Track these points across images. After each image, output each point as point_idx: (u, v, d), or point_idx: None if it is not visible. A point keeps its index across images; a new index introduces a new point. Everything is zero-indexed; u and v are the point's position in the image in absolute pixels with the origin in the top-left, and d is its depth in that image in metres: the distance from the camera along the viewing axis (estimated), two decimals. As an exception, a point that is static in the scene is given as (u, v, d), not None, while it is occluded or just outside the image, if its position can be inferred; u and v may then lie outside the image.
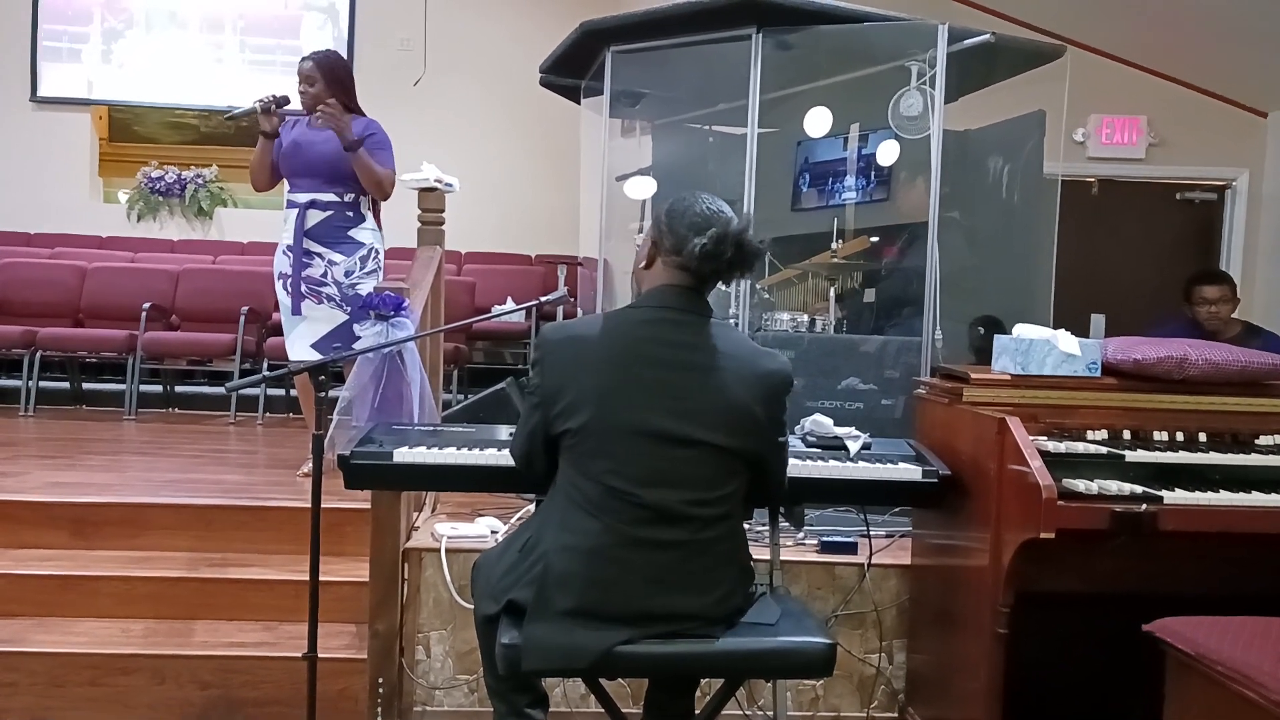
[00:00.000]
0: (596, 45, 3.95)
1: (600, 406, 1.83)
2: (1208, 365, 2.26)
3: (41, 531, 3.19)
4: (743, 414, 1.86)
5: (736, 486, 1.89)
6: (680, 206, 1.93)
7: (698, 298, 1.92)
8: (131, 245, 7.38)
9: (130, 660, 2.73)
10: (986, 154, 4.09)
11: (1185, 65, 6.70)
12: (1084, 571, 2.34)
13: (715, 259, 1.85)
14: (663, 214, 1.95)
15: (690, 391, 1.84)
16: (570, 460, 1.87)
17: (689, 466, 1.83)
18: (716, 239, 1.84)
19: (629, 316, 1.94)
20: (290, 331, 3.80)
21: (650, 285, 1.95)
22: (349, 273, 3.70)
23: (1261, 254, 6.84)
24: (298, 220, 3.71)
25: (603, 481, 1.82)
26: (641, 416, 1.82)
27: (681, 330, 1.88)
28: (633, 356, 1.86)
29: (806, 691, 2.81)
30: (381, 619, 2.70)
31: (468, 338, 6.05)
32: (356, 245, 3.73)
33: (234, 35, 7.89)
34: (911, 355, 3.50)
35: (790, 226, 4.33)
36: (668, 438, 1.82)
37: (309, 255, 3.70)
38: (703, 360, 1.86)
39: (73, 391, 6.03)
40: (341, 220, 3.73)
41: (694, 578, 1.84)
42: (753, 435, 1.88)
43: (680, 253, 1.88)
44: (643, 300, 1.95)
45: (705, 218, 1.88)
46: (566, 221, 6.25)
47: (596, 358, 1.87)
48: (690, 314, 1.90)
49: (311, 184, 3.71)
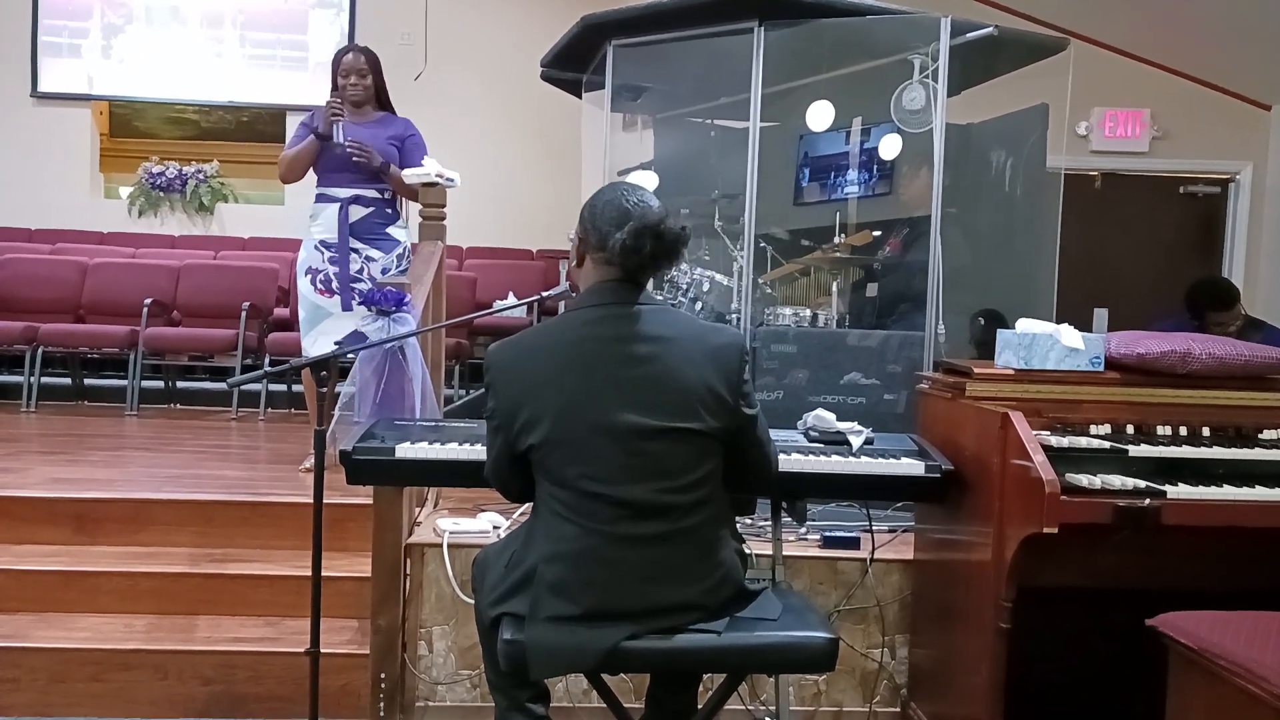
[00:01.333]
0: (598, 39, 3.93)
1: (560, 414, 1.82)
2: (1211, 359, 2.25)
3: (43, 527, 3.20)
4: (702, 393, 1.84)
5: (711, 469, 1.88)
6: (600, 202, 1.91)
7: (634, 288, 1.90)
8: (132, 241, 7.38)
9: (132, 656, 2.73)
10: (989, 148, 4.08)
11: (1189, 58, 6.68)
12: (1087, 566, 2.34)
13: (637, 253, 1.83)
14: (585, 210, 1.93)
15: (641, 382, 1.83)
16: (543, 472, 1.86)
17: (660, 457, 1.82)
18: (635, 232, 1.82)
19: (570, 320, 1.93)
20: (313, 328, 3.75)
21: (585, 284, 1.94)
22: (385, 270, 3.69)
23: (1265, 247, 6.83)
24: (341, 215, 3.68)
25: (577, 487, 1.81)
26: (602, 416, 1.81)
27: (624, 323, 1.86)
28: (582, 358, 1.85)
29: (809, 686, 2.81)
30: (384, 614, 2.70)
31: (469, 333, 6.04)
32: (394, 243, 3.75)
33: (234, 30, 7.87)
34: (914, 350, 3.49)
35: (792, 221, 4.32)
36: (633, 431, 1.81)
37: (348, 251, 3.68)
38: (651, 348, 1.84)
39: (74, 387, 6.04)
40: (381, 217, 3.74)
41: (684, 567, 1.84)
42: (719, 413, 1.86)
43: (604, 248, 1.86)
44: (580, 301, 1.94)
45: (623, 211, 1.86)
46: (568, 216, 6.17)
47: (547, 367, 1.85)
48: (628, 305, 1.88)
49: (355, 179, 3.70)
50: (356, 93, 3.73)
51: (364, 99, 3.76)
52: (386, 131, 3.76)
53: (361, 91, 3.74)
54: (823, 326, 3.71)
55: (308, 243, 3.77)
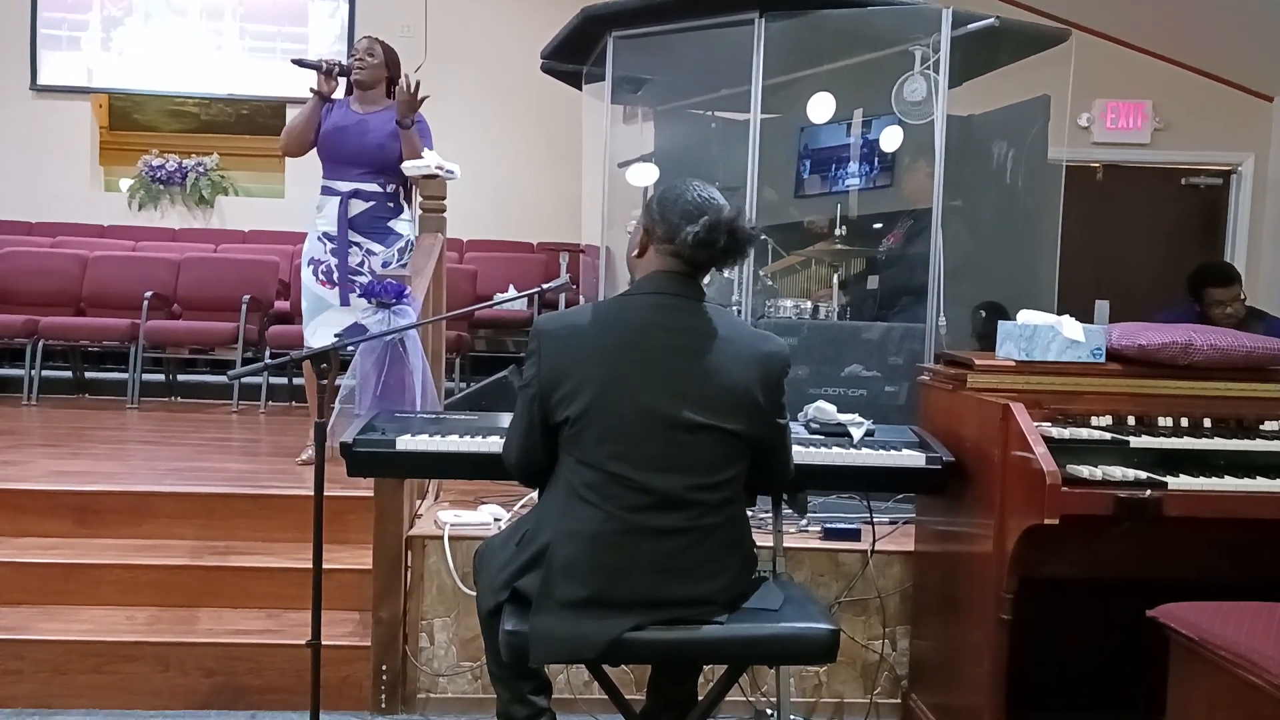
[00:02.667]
0: (598, 30, 3.93)
1: (601, 392, 1.82)
2: (1213, 351, 2.24)
3: (45, 520, 3.20)
4: (743, 397, 1.86)
5: (739, 471, 1.89)
6: (671, 194, 1.92)
7: (692, 283, 1.91)
8: (133, 234, 7.38)
9: (134, 648, 2.73)
10: (991, 139, 4.07)
11: (1191, 49, 6.67)
12: (1088, 557, 2.33)
13: (709, 247, 1.84)
14: (654, 202, 1.94)
15: (691, 375, 1.84)
16: (571, 448, 1.86)
17: (692, 451, 1.83)
18: (709, 226, 1.83)
19: (625, 304, 1.93)
20: (314, 318, 3.76)
21: (644, 272, 1.94)
22: (386, 264, 3.68)
23: (1266, 238, 6.82)
24: (341, 208, 3.68)
25: (605, 467, 1.81)
26: (644, 401, 1.81)
27: (679, 315, 1.88)
28: (632, 342, 1.85)
29: (810, 678, 2.81)
30: (385, 606, 2.71)
31: (470, 325, 6.04)
32: (396, 236, 3.74)
33: (234, 22, 7.86)
34: (915, 342, 3.49)
35: (793, 213, 4.31)
36: (671, 422, 1.81)
37: (348, 244, 3.68)
38: (701, 344, 1.86)
39: (75, 380, 6.04)
40: (383, 211, 3.72)
41: (698, 564, 1.83)
42: (754, 418, 1.88)
43: (673, 241, 1.87)
44: (638, 287, 1.94)
45: (697, 205, 1.87)
46: (568, 208, 6.23)
47: (595, 345, 1.86)
48: (686, 299, 1.89)
49: (357, 173, 3.69)
50: (363, 71, 3.73)
51: (369, 80, 3.75)
52: (391, 122, 3.75)
53: (368, 72, 3.73)
54: (824, 319, 3.71)
55: (312, 234, 3.77)
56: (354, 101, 3.78)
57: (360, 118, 3.71)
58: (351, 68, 3.74)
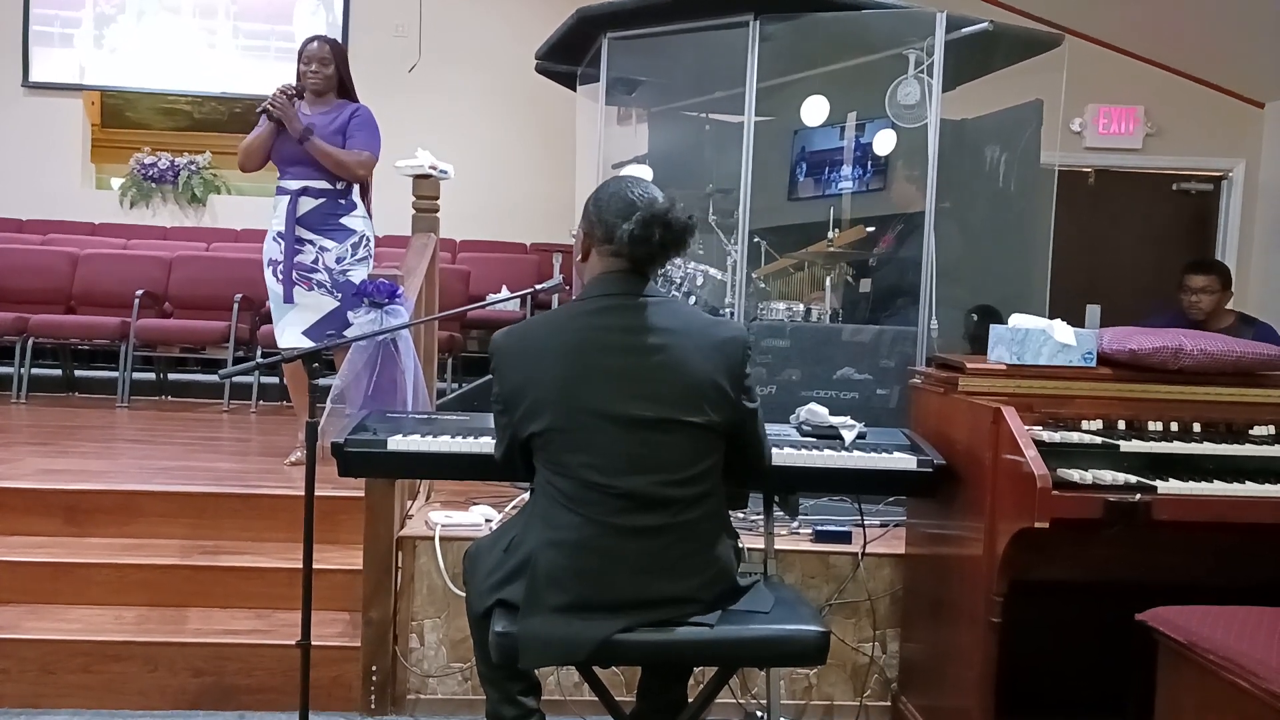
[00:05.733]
0: (592, 32, 3.93)
1: (564, 402, 1.82)
2: (1203, 355, 2.26)
3: (34, 519, 3.18)
4: (708, 387, 1.85)
5: (712, 464, 1.88)
6: (605, 195, 1.92)
7: (640, 280, 1.90)
8: (124, 232, 7.35)
9: (123, 648, 2.72)
10: (984, 143, 4.08)
11: (1183, 55, 6.70)
12: (1078, 561, 2.34)
13: (646, 243, 1.83)
14: (590, 204, 1.94)
15: (651, 373, 1.83)
16: (544, 460, 1.86)
17: (662, 449, 1.82)
18: (643, 222, 1.82)
19: (576, 309, 1.92)
20: (280, 319, 3.79)
21: (590, 276, 1.94)
22: (340, 259, 3.70)
23: (1257, 244, 6.85)
24: (289, 207, 3.70)
25: (578, 476, 1.81)
26: (607, 405, 1.81)
27: (630, 314, 1.87)
28: (588, 347, 1.85)
29: (800, 680, 2.81)
30: (375, 607, 2.70)
31: (462, 326, 6.03)
32: (348, 232, 3.74)
33: (226, 20, 7.84)
34: (907, 345, 3.50)
35: (787, 216, 4.32)
36: (638, 422, 1.81)
37: (300, 242, 3.70)
38: (657, 340, 1.85)
39: (65, 379, 6.01)
40: (333, 208, 3.73)
41: (682, 561, 1.83)
42: (721, 407, 1.86)
43: (611, 240, 1.87)
44: (585, 292, 1.93)
45: (629, 202, 1.87)
46: (562, 209, 6.23)
47: (552, 355, 1.85)
48: (635, 297, 1.88)
49: (304, 171, 3.70)
50: (316, 81, 3.74)
51: (324, 88, 3.75)
52: (338, 117, 3.74)
53: (321, 81, 3.73)
54: (816, 321, 3.72)
55: (269, 234, 3.79)
56: (305, 103, 3.76)
57: (309, 118, 3.71)
58: (304, 88, 3.73)
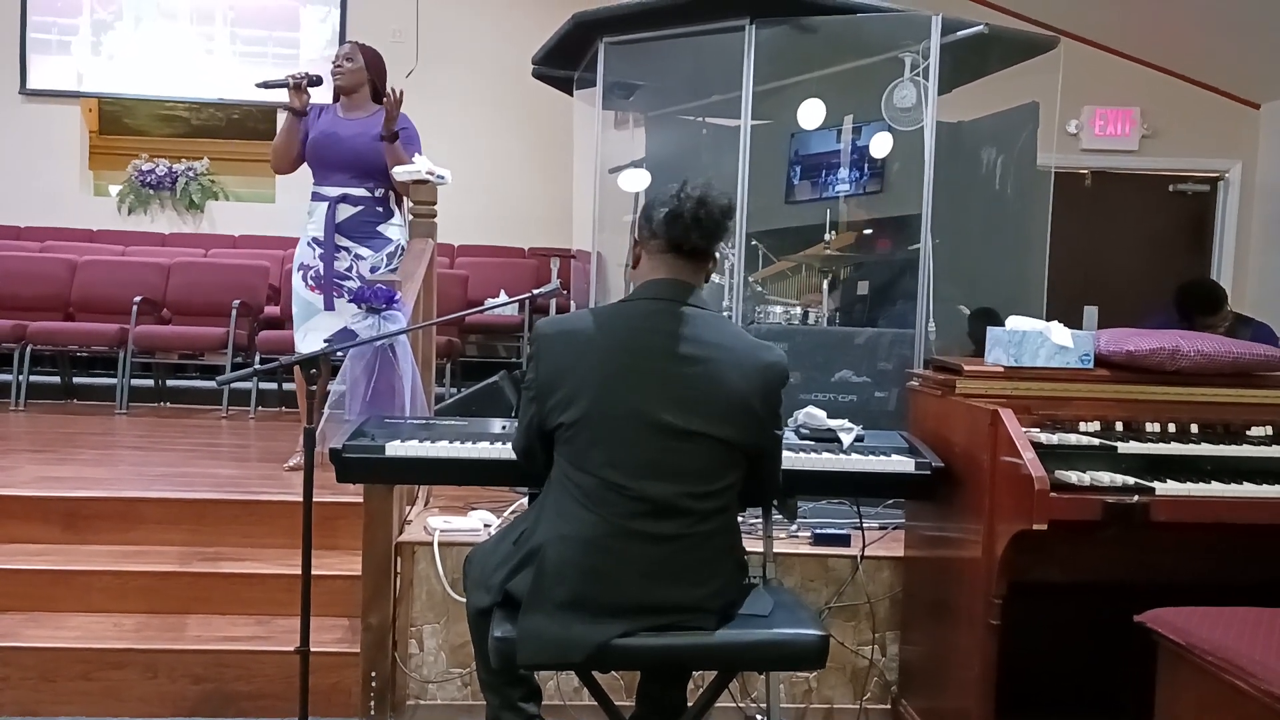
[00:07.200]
0: (589, 36, 3.93)
1: (598, 398, 1.82)
2: (1200, 357, 2.26)
3: (33, 526, 3.18)
4: (741, 406, 1.86)
5: (733, 480, 1.89)
6: (650, 199, 1.98)
7: (690, 289, 1.92)
8: (122, 239, 7.35)
9: (122, 655, 2.72)
10: (980, 146, 4.09)
11: (1178, 57, 6.71)
12: (1076, 562, 2.35)
13: (678, 219, 1.87)
14: (638, 212, 1.99)
15: (689, 382, 1.84)
16: (565, 453, 1.86)
17: (687, 459, 1.82)
18: (675, 197, 1.88)
19: (623, 309, 1.94)
20: (304, 322, 3.76)
21: (641, 281, 1.96)
22: (375, 269, 3.68)
23: (1254, 245, 6.86)
24: (328, 214, 3.68)
25: (599, 474, 1.81)
26: (641, 407, 1.81)
27: (676, 321, 1.88)
28: (630, 347, 1.86)
29: (799, 683, 2.81)
30: (374, 613, 2.70)
31: (460, 331, 6.03)
32: (385, 241, 3.74)
33: (224, 27, 7.84)
34: (904, 347, 3.50)
35: (783, 219, 4.32)
36: (667, 429, 1.81)
37: (336, 250, 3.68)
38: (700, 351, 1.85)
39: (64, 385, 6.01)
40: (372, 215, 3.72)
41: (690, 570, 1.83)
42: (751, 429, 1.88)
43: (651, 225, 1.92)
44: (636, 293, 1.95)
45: (668, 194, 1.92)
46: (560, 214, 6.24)
47: (593, 350, 1.86)
48: (683, 305, 1.90)
49: (344, 178, 3.69)
50: (341, 75, 3.73)
51: (350, 85, 3.75)
52: (377, 126, 3.74)
53: (346, 76, 3.73)
54: (813, 324, 3.72)
55: (303, 239, 3.78)
56: (340, 108, 3.78)
57: (347, 123, 3.71)
58: (320, 78, 3.73)
